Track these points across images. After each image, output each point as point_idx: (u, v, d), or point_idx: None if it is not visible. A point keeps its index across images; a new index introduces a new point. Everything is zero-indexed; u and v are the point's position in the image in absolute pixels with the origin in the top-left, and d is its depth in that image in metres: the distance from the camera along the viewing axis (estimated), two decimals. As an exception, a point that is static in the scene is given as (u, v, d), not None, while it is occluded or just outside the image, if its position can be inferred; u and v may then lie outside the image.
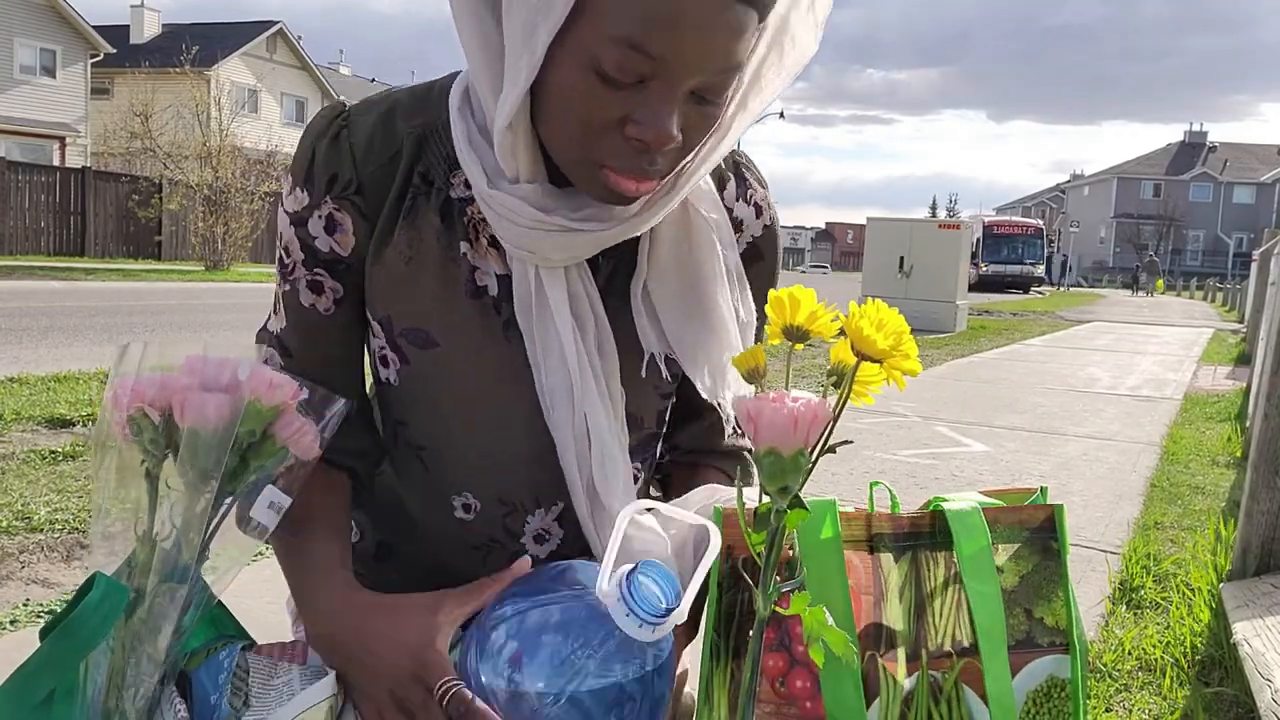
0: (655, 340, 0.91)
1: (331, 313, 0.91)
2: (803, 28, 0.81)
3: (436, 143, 0.87)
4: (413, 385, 0.92)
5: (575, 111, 0.75)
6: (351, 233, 0.88)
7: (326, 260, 0.89)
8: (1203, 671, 1.85)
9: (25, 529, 2.43)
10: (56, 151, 28.23)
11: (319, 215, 0.88)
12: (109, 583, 0.70)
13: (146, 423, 0.73)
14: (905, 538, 0.89)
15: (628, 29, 0.70)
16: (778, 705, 0.84)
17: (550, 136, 0.79)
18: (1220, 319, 17.37)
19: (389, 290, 0.89)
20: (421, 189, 0.87)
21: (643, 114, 0.74)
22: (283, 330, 0.93)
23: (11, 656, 0.71)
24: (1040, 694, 0.89)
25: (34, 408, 3.86)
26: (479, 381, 0.90)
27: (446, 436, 0.93)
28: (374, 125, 0.87)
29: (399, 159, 0.87)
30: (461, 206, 0.88)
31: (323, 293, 0.90)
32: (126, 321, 8.24)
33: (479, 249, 0.88)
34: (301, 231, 0.89)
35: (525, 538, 0.96)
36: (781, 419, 0.67)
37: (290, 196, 0.89)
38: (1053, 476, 3.60)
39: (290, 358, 0.93)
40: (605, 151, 0.76)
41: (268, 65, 37.29)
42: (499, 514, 0.95)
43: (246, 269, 19.74)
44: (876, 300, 0.72)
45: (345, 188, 0.87)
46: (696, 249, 0.90)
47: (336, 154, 0.86)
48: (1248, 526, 2.13)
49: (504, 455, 0.93)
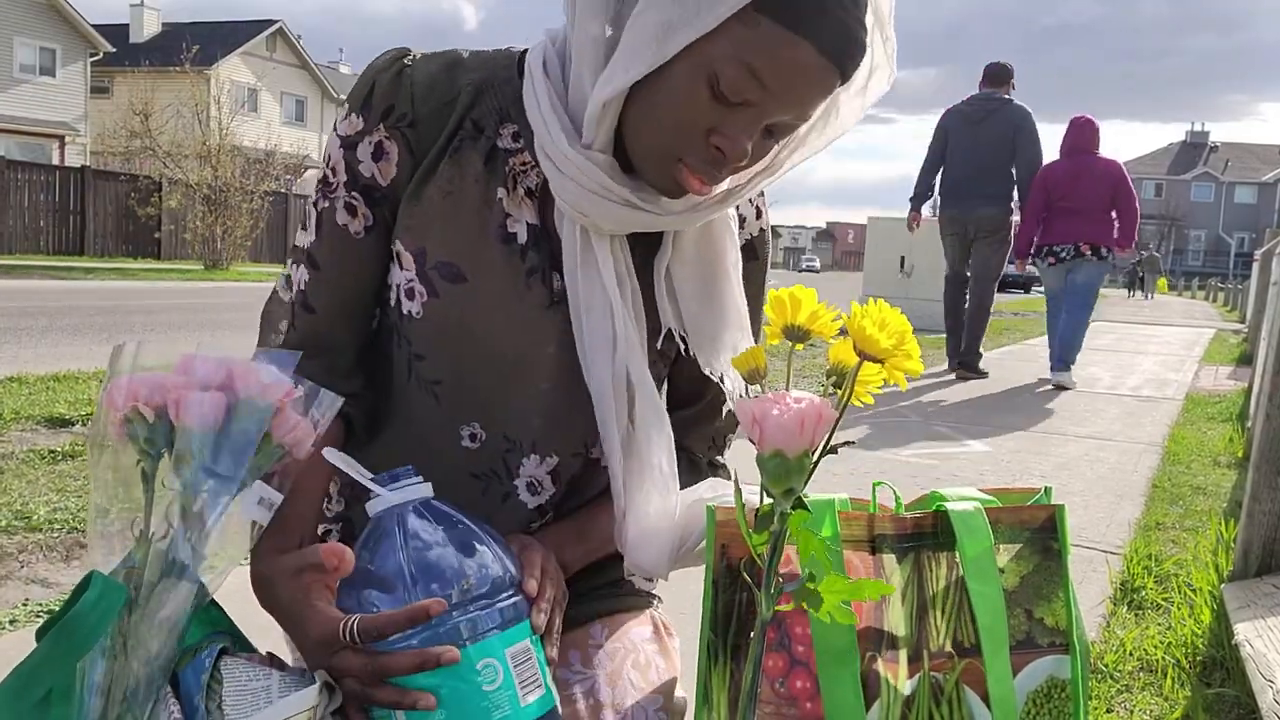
0: (673, 318, 0.98)
1: (361, 237, 0.97)
2: (849, 107, 0.91)
3: (492, 96, 0.95)
4: (438, 318, 0.96)
5: (676, 110, 0.84)
6: (395, 163, 0.94)
7: (365, 186, 0.95)
8: (1204, 672, 1.84)
9: (24, 528, 2.42)
10: (56, 150, 28.24)
11: (369, 141, 0.94)
12: (106, 582, 0.70)
13: (142, 422, 0.73)
14: (908, 538, 0.89)
15: (755, 59, 0.80)
16: (778, 705, 0.84)
17: (640, 121, 0.86)
18: (1221, 319, 17.37)
19: (426, 224, 0.95)
20: (470, 134, 0.94)
21: (731, 129, 0.84)
22: (313, 244, 0.98)
23: (10, 656, 0.71)
24: (1040, 694, 0.89)
25: (33, 407, 3.86)
26: (500, 321, 0.96)
27: (464, 369, 0.97)
28: (436, 69, 0.95)
29: (454, 105, 0.94)
30: (505, 156, 0.95)
31: (355, 215, 0.96)
32: (126, 321, 8.24)
33: (514, 197, 0.95)
34: (350, 155, 0.95)
35: (519, 479, 1.00)
36: (789, 420, 0.67)
37: (345, 121, 0.95)
38: (1054, 476, 3.60)
39: (317, 270, 0.98)
40: (686, 149, 0.85)
41: (268, 64, 37.31)
42: (501, 448, 0.99)
43: (246, 268, 19.74)
44: (879, 300, 0.72)
45: (400, 120, 0.93)
46: (717, 239, 0.98)
47: (396, 88, 0.93)
48: (1249, 527, 2.13)
49: (516, 394, 0.98)
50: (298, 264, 1.00)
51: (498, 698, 0.77)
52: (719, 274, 0.98)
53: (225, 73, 32.25)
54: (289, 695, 0.75)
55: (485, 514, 0.99)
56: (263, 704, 0.75)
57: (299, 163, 26.99)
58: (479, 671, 0.77)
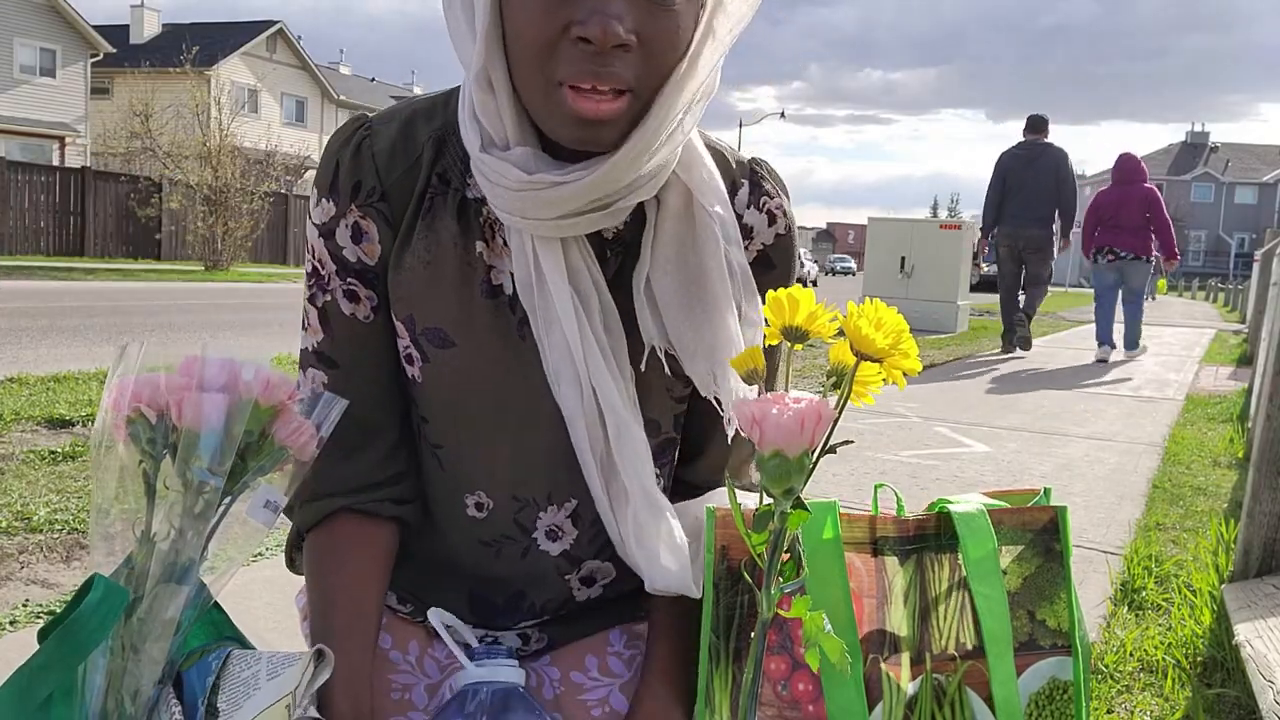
0: (656, 333, 0.90)
1: (371, 320, 0.92)
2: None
3: (453, 144, 0.89)
4: (432, 383, 0.93)
5: (528, 35, 0.76)
6: (377, 240, 0.90)
7: (356, 270, 0.91)
8: (1204, 673, 1.85)
9: (25, 529, 2.42)
10: (56, 151, 28.24)
11: (345, 225, 0.90)
12: (108, 584, 0.70)
13: (145, 423, 0.73)
14: (910, 541, 0.89)
15: None
16: (780, 708, 0.84)
17: (519, 80, 0.80)
18: (1222, 319, 17.36)
19: (410, 293, 0.90)
20: (439, 190, 0.89)
21: (583, 12, 0.74)
22: (322, 343, 0.93)
23: (10, 657, 0.71)
24: (1043, 696, 0.89)
25: (33, 408, 3.86)
26: (494, 380, 0.91)
27: (463, 434, 0.94)
28: (395, 134, 0.90)
29: (419, 165, 0.89)
30: (477, 207, 0.89)
31: (359, 301, 0.92)
32: (126, 321, 8.24)
33: (494, 248, 0.89)
34: (330, 244, 0.91)
35: (537, 533, 0.97)
36: (789, 420, 0.67)
37: (317, 209, 0.91)
38: (1054, 477, 3.60)
39: (337, 369, 0.93)
40: (558, 65, 0.76)
41: (268, 65, 37.30)
42: (511, 510, 0.96)
43: (246, 269, 19.74)
44: (875, 300, 0.72)
45: (369, 195, 0.89)
46: (700, 245, 0.89)
47: (359, 163, 0.89)
48: (1250, 527, 2.13)
49: (520, 452, 0.93)
50: (309, 369, 0.94)
51: None
52: (704, 284, 0.88)
53: (225, 73, 32.24)
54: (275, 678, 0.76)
55: (508, 573, 0.98)
56: (252, 691, 0.75)
57: (299, 163, 26.98)
58: None
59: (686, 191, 0.88)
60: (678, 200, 0.88)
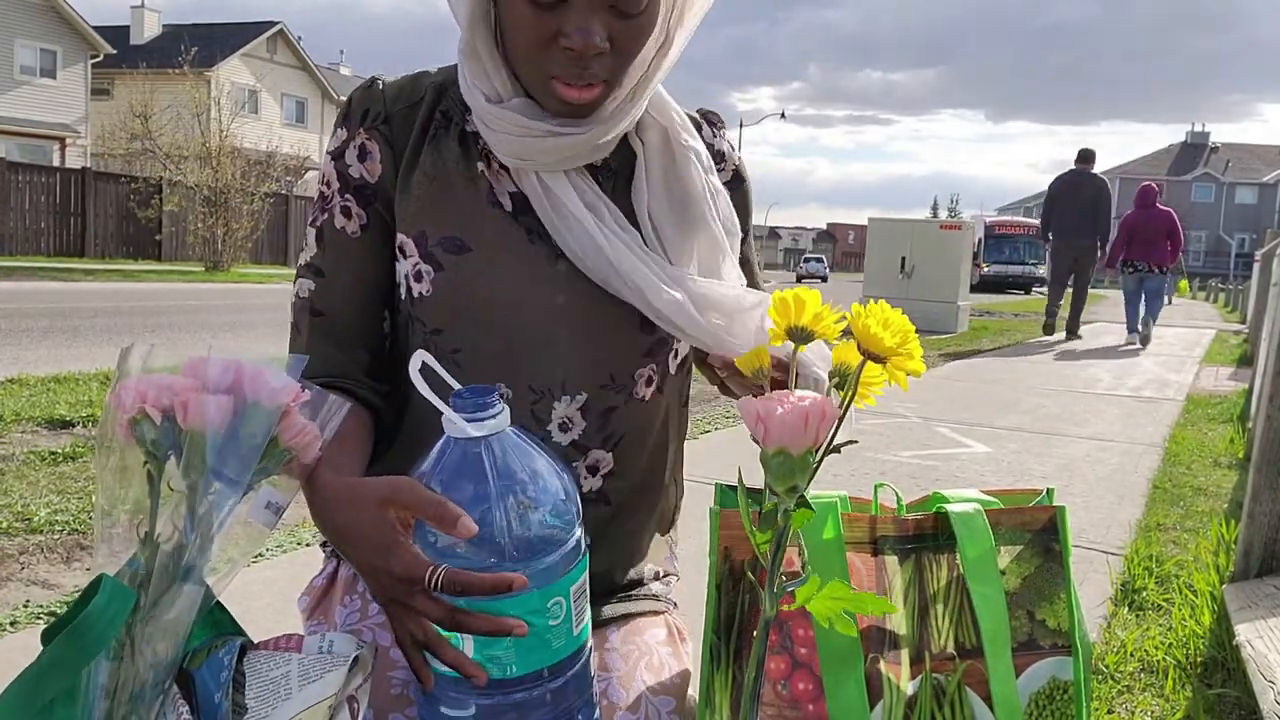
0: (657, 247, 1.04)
1: (359, 236, 1.04)
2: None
3: (454, 92, 1.05)
4: (448, 290, 1.01)
5: (520, 35, 0.92)
6: (379, 160, 1.03)
7: (356, 186, 1.03)
8: (1205, 673, 1.85)
9: (25, 530, 2.43)
10: (56, 152, 28.25)
11: (354, 145, 1.03)
12: (115, 586, 0.70)
13: (149, 424, 0.73)
14: (909, 540, 0.89)
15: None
16: (780, 708, 0.84)
17: (514, 62, 0.95)
18: (1222, 320, 17.36)
19: (420, 210, 1.02)
20: (442, 123, 1.04)
21: (569, 26, 0.89)
22: (314, 256, 1.05)
23: (11, 658, 0.71)
24: (1043, 696, 0.89)
25: (34, 409, 3.86)
26: (510, 279, 1.01)
27: (481, 334, 1.01)
28: (403, 80, 1.07)
29: (422, 104, 1.04)
30: (475, 138, 1.03)
31: (350, 217, 1.04)
32: (126, 322, 8.24)
33: (493, 170, 1.02)
34: (339, 164, 1.04)
35: (551, 424, 1.03)
36: (793, 417, 0.67)
37: (333, 138, 1.06)
38: (1055, 477, 3.60)
39: (323, 278, 1.04)
40: (549, 64, 0.92)
41: (268, 65, 37.30)
42: (528, 402, 1.03)
43: (246, 269, 19.74)
44: (881, 301, 0.73)
45: (375, 119, 1.03)
46: (683, 170, 1.06)
47: (369, 95, 1.04)
48: (1250, 528, 2.13)
49: (536, 345, 1.02)
50: (302, 278, 1.06)
51: (558, 630, 0.80)
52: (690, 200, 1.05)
53: (225, 74, 32.27)
54: (311, 682, 0.75)
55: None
56: (284, 696, 0.75)
57: (299, 164, 26.96)
58: (548, 610, 0.79)
59: (663, 130, 1.06)
60: (657, 138, 1.06)
